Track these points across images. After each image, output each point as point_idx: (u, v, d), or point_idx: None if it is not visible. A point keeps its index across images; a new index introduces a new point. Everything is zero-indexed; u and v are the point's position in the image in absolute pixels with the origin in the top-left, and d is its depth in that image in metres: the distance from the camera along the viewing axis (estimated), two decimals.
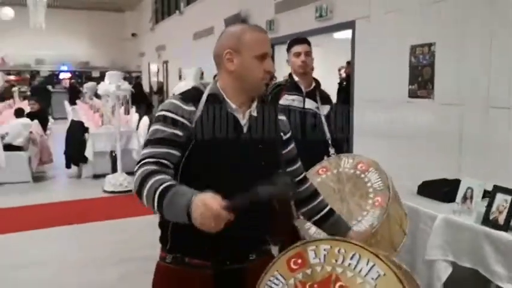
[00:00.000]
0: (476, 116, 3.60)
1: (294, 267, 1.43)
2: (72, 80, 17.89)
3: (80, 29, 17.70)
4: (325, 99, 3.05)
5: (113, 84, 5.77)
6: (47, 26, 12.51)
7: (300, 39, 3.06)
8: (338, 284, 1.35)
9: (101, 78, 14.57)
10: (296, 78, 2.98)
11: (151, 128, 1.52)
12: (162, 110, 1.53)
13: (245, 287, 1.51)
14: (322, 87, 3.13)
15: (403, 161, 4.18)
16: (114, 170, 6.72)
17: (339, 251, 1.40)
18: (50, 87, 16.59)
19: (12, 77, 17.75)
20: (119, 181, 6.24)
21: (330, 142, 2.91)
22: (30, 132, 6.99)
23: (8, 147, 6.78)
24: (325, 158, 2.75)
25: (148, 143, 1.49)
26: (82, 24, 17.69)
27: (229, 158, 1.52)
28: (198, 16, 10.85)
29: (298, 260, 1.43)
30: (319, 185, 2.11)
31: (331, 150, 2.85)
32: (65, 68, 18.00)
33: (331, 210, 1.75)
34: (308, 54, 2.95)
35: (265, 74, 1.53)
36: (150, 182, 1.37)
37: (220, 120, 1.53)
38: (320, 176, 2.28)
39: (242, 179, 1.46)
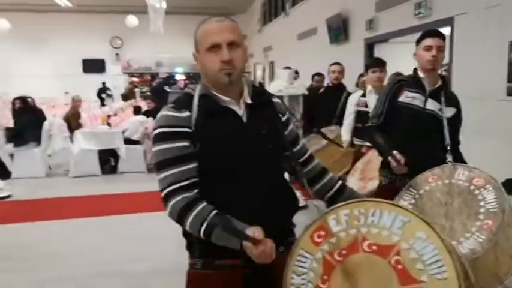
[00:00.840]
0: None
1: (318, 240, 1.41)
2: (187, 81, 19.14)
3: (192, 34, 18.88)
4: (451, 100, 2.73)
5: None
6: (165, 31, 13.60)
7: (434, 31, 2.72)
8: (366, 243, 1.35)
9: None
10: (421, 75, 2.69)
11: (156, 149, 1.50)
12: (158, 127, 1.50)
13: (277, 279, 1.48)
14: None
15: (498, 159, 4.05)
16: None
17: (359, 212, 1.39)
18: (167, 88, 17.97)
19: (135, 79, 19.47)
20: None
21: (448, 148, 2.62)
22: (146, 128, 7.78)
23: (127, 141, 7.63)
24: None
25: (162, 165, 1.48)
26: (195, 28, 18.85)
27: (237, 150, 1.50)
28: (302, 17, 11.10)
29: (321, 232, 1.41)
30: (425, 194, 2.00)
31: (449, 157, 2.58)
32: (180, 69, 19.30)
33: (344, 185, 1.73)
34: (441, 49, 2.62)
35: (222, 64, 1.47)
36: (191, 215, 1.43)
37: (218, 116, 1.51)
38: (429, 184, 2.07)
39: (254, 167, 1.51)
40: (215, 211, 1.43)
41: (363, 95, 4.22)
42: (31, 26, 17.12)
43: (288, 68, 7.88)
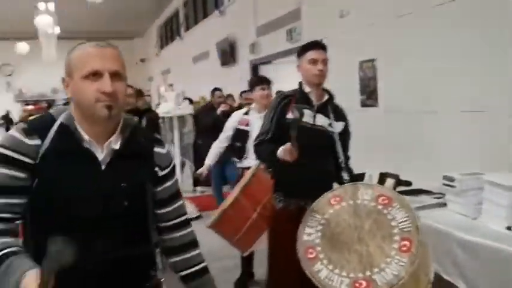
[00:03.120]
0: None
1: None
2: None
3: None
4: (339, 114, 2.64)
5: None
6: (60, 56, 13.40)
7: (318, 43, 2.60)
8: None
9: None
10: (307, 89, 2.56)
11: None
12: (0, 146, 1.28)
13: None
14: None
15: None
16: None
17: None
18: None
19: (29, 107, 18.75)
20: None
21: (342, 166, 2.54)
22: None
23: None
24: (337, 184, 2.50)
25: None
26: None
27: (83, 199, 1.29)
28: (195, 41, 11.65)
29: None
30: (332, 218, 1.88)
31: (344, 175, 2.50)
32: None
33: (204, 270, 1.54)
34: (325, 62, 2.53)
35: (100, 94, 1.27)
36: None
37: (71, 155, 1.30)
38: (333, 206, 1.92)
39: (101, 223, 1.31)
40: (9, 250, 1.22)
41: (246, 113, 4.07)
42: None
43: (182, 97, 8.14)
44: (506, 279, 2.03)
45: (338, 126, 2.59)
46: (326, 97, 2.60)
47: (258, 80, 3.99)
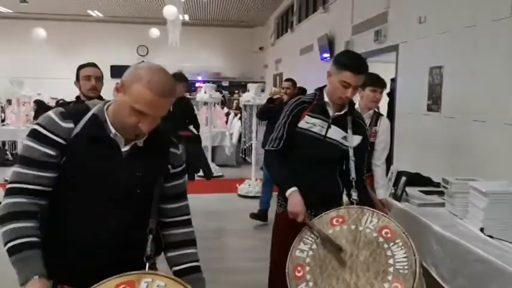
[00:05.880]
0: None
1: None
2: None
3: (213, 44, 20.15)
4: (358, 127, 2.45)
5: (207, 94, 7.41)
6: (185, 42, 14.76)
7: (359, 67, 2.30)
8: None
9: (229, 88, 16.85)
10: (326, 99, 2.40)
11: (25, 142, 1.44)
12: (38, 124, 1.44)
13: None
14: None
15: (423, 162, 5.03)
16: None
17: None
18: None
19: None
20: None
21: (353, 184, 2.32)
22: None
23: None
24: (344, 203, 2.44)
25: (22, 161, 1.42)
26: (215, 39, 20.09)
27: (101, 181, 1.44)
28: (303, 34, 12.17)
29: (127, 287, 1.32)
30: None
31: (354, 194, 2.28)
32: (199, 78, 20.55)
33: (196, 269, 1.63)
34: (357, 88, 2.33)
35: (137, 127, 1.42)
36: (11, 226, 1.36)
37: (98, 142, 1.45)
38: (333, 227, 1.86)
39: (112, 203, 1.46)
40: (32, 239, 1.37)
41: None
42: (65, 34, 18.69)
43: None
44: (461, 269, 2.39)
45: (354, 140, 2.42)
46: (345, 109, 2.43)
47: (371, 81, 3.33)
